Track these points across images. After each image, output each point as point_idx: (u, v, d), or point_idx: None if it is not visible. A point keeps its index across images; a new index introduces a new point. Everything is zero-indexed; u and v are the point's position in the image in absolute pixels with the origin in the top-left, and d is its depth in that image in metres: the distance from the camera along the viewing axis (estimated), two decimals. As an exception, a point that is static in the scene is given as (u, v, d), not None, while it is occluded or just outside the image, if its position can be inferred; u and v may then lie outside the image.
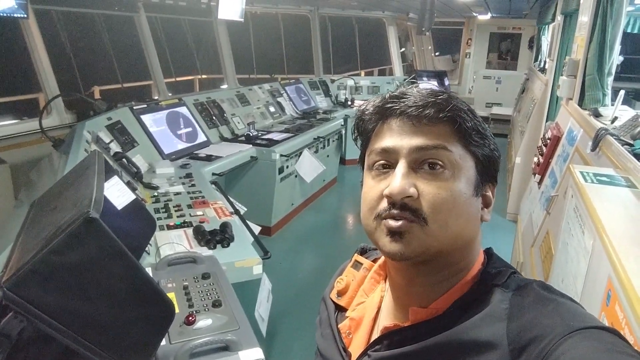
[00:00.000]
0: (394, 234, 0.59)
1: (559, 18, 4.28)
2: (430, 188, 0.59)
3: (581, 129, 2.11)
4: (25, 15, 3.23)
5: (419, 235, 0.58)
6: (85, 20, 4.97)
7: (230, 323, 1.35)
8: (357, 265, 0.80)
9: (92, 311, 1.03)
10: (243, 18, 5.10)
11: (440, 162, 0.60)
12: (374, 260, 0.79)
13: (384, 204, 0.60)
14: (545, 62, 5.86)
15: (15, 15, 3.22)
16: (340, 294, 0.79)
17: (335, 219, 4.79)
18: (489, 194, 0.66)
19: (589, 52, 2.56)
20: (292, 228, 4.27)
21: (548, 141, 2.58)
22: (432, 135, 0.60)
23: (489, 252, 0.68)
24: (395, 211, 0.59)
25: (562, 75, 2.91)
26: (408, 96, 0.63)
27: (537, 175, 2.64)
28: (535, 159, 2.75)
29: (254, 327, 1.90)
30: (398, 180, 0.59)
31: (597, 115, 2.33)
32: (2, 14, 3.16)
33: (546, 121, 3.99)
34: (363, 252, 0.83)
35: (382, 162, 0.63)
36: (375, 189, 0.62)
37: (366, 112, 0.67)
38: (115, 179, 1.53)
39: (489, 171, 0.65)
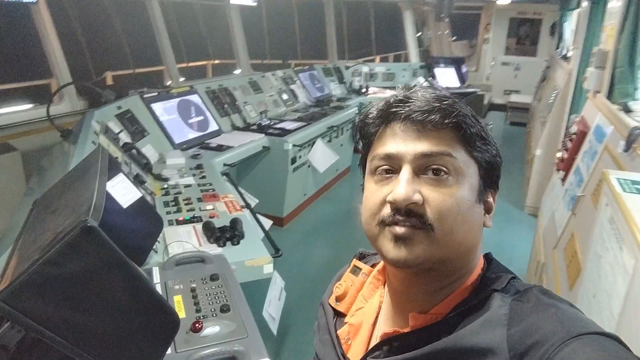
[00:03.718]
0: (398, 239, 0.59)
1: (585, 4, 4.09)
2: (435, 195, 0.58)
3: (611, 126, 1.99)
4: (35, 0, 3.18)
5: (424, 242, 0.58)
6: (97, 5, 4.90)
7: (238, 330, 1.29)
8: (355, 270, 0.80)
9: (91, 323, 0.98)
10: (256, 2, 4.99)
11: (444, 169, 0.59)
12: (373, 266, 0.79)
13: (387, 209, 0.60)
14: (568, 49, 5.65)
15: (24, 0, 3.17)
16: (339, 299, 0.79)
17: (348, 208, 4.70)
18: (490, 200, 0.65)
19: (620, 43, 2.41)
20: (304, 219, 4.21)
21: (573, 136, 2.46)
22: (436, 141, 0.60)
23: (488, 257, 0.67)
24: (399, 217, 0.58)
25: (589, 66, 2.76)
26: (413, 100, 0.62)
27: (560, 171, 2.53)
28: (559, 154, 2.63)
29: (264, 330, 1.85)
30: (403, 187, 0.58)
31: (627, 110, 2.20)
32: (11, -1, 3.11)
33: (569, 113, 3.83)
34: (361, 257, 0.83)
35: (385, 167, 0.62)
36: (378, 194, 0.62)
37: (370, 116, 0.67)
38: (120, 177, 1.47)
39: (491, 177, 0.64)
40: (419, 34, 9.10)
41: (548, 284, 2.04)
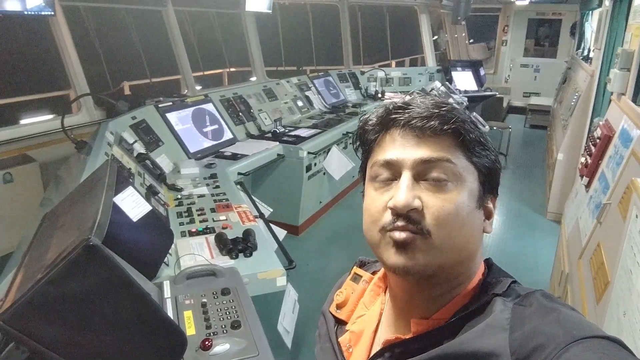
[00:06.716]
0: (399, 246, 0.59)
1: (607, 3, 3.98)
2: (434, 200, 0.59)
3: (638, 130, 1.91)
4: (53, 13, 3.21)
5: (423, 248, 0.58)
6: (114, 16, 4.96)
7: (249, 348, 1.25)
8: (356, 278, 0.80)
9: (95, 343, 0.95)
10: (271, 9, 4.99)
11: (444, 175, 0.59)
12: (373, 273, 0.79)
13: (388, 216, 0.60)
14: (589, 50, 5.51)
15: (43, 13, 3.20)
16: (340, 307, 0.78)
17: (364, 216, 4.64)
18: (490, 205, 0.65)
19: (646, 42, 2.32)
20: (320, 227, 4.16)
21: (597, 141, 2.36)
22: (436, 147, 0.60)
23: (488, 263, 0.67)
24: (400, 223, 0.58)
25: (613, 67, 2.66)
26: (412, 107, 0.62)
27: (584, 177, 2.43)
28: (583, 160, 2.54)
29: (278, 344, 1.81)
30: (403, 193, 0.58)
31: (655, 113, 2.10)
32: (30, 12, 3.14)
33: (592, 116, 3.71)
34: (362, 264, 0.83)
35: (385, 173, 0.63)
36: (379, 200, 0.62)
37: (369, 123, 0.67)
38: (130, 190, 1.45)
39: (491, 183, 0.64)
40: (435, 37, 9.00)
41: (573, 296, 1.95)
